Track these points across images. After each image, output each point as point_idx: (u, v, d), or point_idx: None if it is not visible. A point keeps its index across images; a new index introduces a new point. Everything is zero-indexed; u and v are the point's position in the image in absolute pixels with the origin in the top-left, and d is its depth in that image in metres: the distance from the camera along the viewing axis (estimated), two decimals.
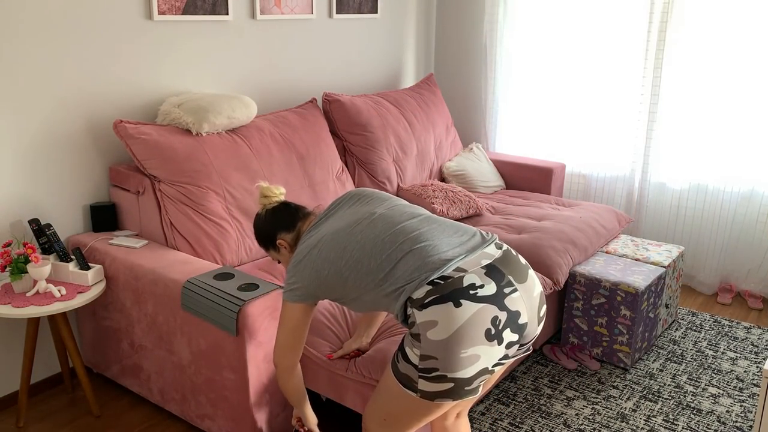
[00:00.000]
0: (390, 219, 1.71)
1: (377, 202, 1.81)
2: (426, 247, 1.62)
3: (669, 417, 2.63)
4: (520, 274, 1.63)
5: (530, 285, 1.64)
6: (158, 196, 2.64)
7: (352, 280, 1.67)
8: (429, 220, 1.73)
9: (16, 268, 2.38)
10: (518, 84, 4.26)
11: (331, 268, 1.69)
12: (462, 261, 1.59)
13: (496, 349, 1.54)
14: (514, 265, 1.64)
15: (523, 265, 1.67)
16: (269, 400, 2.29)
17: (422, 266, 1.58)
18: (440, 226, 1.71)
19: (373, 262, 1.64)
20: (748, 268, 3.71)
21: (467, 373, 1.52)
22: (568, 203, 3.69)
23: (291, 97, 3.57)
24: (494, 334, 1.53)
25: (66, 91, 2.59)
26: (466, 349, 1.50)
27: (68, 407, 2.67)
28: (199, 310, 2.23)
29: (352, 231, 1.71)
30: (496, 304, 1.54)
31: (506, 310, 1.55)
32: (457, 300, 1.52)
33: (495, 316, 1.53)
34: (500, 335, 1.54)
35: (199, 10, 2.99)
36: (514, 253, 1.69)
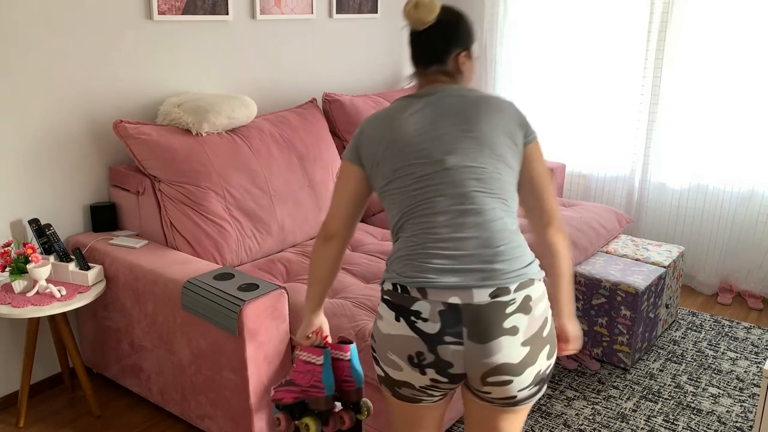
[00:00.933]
0: (441, 190, 1.45)
1: (460, 143, 1.47)
2: (426, 253, 1.43)
3: (669, 417, 2.63)
4: (484, 335, 1.37)
5: (488, 349, 1.37)
6: (158, 196, 2.64)
7: (382, 194, 1.54)
8: (467, 226, 1.44)
9: (16, 268, 2.38)
10: (518, 84, 4.26)
11: (379, 167, 1.50)
12: (432, 287, 1.40)
13: (419, 377, 1.44)
14: (485, 326, 1.37)
15: (502, 329, 1.37)
16: (269, 400, 2.29)
17: (405, 267, 1.45)
18: (467, 242, 1.43)
19: (398, 213, 1.50)
20: (748, 268, 3.71)
21: (392, 373, 1.47)
22: (568, 203, 3.68)
23: (291, 97, 3.57)
24: (416, 364, 1.42)
25: (66, 91, 2.59)
26: (392, 355, 1.45)
27: (68, 407, 2.67)
28: (199, 310, 2.23)
29: (413, 165, 1.46)
30: (427, 344, 1.39)
31: (435, 354, 1.40)
32: (398, 316, 1.43)
33: (420, 351, 1.41)
34: (422, 368, 1.42)
35: (199, 10, 2.99)
36: (511, 310, 1.38)
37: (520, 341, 1.39)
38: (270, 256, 2.81)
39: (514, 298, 1.38)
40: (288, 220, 2.90)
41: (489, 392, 1.45)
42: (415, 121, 1.50)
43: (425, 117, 1.50)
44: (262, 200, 2.81)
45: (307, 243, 2.98)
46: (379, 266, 2.72)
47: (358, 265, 2.73)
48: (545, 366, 1.45)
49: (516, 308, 1.39)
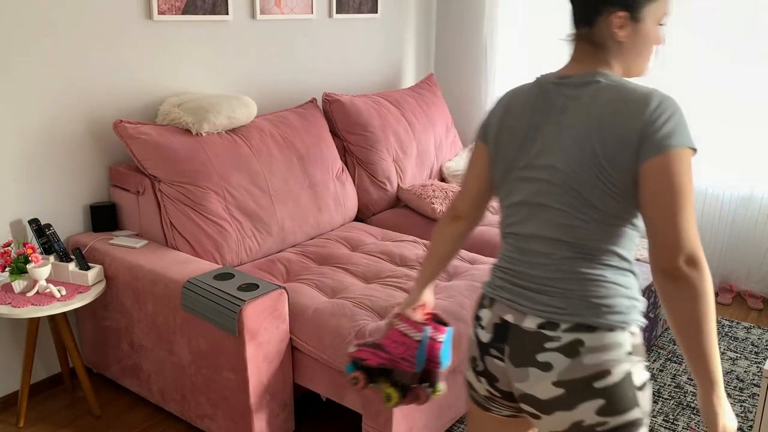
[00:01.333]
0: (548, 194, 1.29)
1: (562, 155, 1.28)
2: (510, 254, 1.38)
3: (669, 417, 2.63)
4: (520, 357, 1.31)
5: (519, 375, 1.31)
6: (158, 196, 2.64)
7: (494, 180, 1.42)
8: (562, 246, 1.29)
9: (16, 268, 2.38)
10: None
11: (500, 150, 1.38)
12: (500, 298, 1.36)
13: (477, 383, 1.42)
14: (520, 347, 1.31)
15: (535, 362, 1.28)
16: (269, 400, 2.29)
17: (496, 270, 1.41)
18: (546, 249, 1.31)
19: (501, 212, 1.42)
20: (748, 268, 3.71)
21: (467, 375, 1.46)
22: None
23: (291, 97, 3.57)
24: (473, 368, 1.42)
25: (66, 90, 2.59)
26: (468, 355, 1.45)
27: (68, 407, 2.67)
28: (199, 310, 2.23)
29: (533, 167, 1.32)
30: (480, 350, 1.38)
31: (484, 364, 1.38)
32: (474, 319, 1.44)
33: (474, 357, 1.40)
34: (477, 375, 1.41)
35: (199, 10, 2.99)
36: (550, 347, 1.27)
37: (551, 380, 1.27)
38: (270, 256, 2.81)
39: (559, 336, 1.27)
40: (288, 220, 2.90)
41: (539, 417, 1.35)
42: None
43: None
44: (262, 200, 2.81)
45: (307, 243, 2.98)
46: (379, 266, 2.72)
47: (358, 265, 2.73)
48: (592, 420, 1.26)
49: (557, 347, 1.27)
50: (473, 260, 2.85)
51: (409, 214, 3.42)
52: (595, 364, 1.24)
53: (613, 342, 1.25)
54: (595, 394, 1.25)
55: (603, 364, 1.24)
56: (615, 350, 1.25)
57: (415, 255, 2.86)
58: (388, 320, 1.91)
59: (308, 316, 2.32)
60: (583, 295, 1.27)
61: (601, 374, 1.25)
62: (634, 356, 1.27)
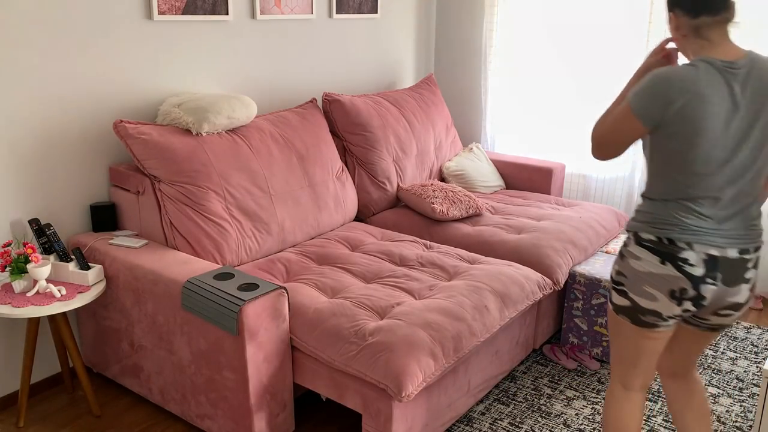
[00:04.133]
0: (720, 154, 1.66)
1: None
2: (697, 208, 1.71)
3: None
4: (732, 279, 1.72)
5: (732, 292, 1.74)
6: (158, 196, 2.64)
7: (656, 169, 1.75)
8: (739, 191, 1.70)
9: (16, 268, 2.38)
10: (518, 84, 4.26)
11: (669, 129, 1.65)
12: (697, 241, 1.70)
13: (673, 307, 1.75)
14: (732, 272, 1.72)
15: (743, 279, 1.73)
16: (269, 400, 2.29)
17: (673, 220, 1.72)
18: (734, 203, 1.71)
19: (675, 173, 1.70)
20: None
21: (642, 302, 1.77)
22: (568, 203, 3.69)
23: (291, 97, 3.57)
24: (676, 297, 1.74)
25: (66, 90, 2.59)
26: (649, 288, 1.75)
27: (68, 407, 2.67)
28: (199, 310, 2.23)
29: (710, 138, 1.63)
30: (692, 283, 1.71)
31: (697, 291, 1.72)
32: (665, 260, 1.72)
33: (684, 288, 1.72)
34: (680, 301, 1.74)
35: (199, 10, 2.99)
36: (749, 265, 1.73)
37: (749, 287, 1.76)
38: (270, 256, 2.81)
39: (752, 258, 1.74)
40: (288, 220, 2.90)
41: (709, 320, 1.86)
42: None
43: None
44: (262, 200, 2.81)
45: (307, 243, 2.98)
46: (379, 266, 2.72)
47: (358, 264, 2.74)
48: (747, 301, 1.80)
49: (753, 265, 1.75)
50: (473, 260, 2.85)
51: (409, 214, 3.42)
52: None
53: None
54: (754, 286, 1.81)
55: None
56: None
57: (415, 255, 2.86)
58: None
59: (308, 316, 2.32)
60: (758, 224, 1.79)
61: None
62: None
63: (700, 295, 1.72)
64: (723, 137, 1.63)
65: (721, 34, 1.66)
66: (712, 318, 1.84)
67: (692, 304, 1.74)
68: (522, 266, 2.83)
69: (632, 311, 1.81)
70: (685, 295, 1.73)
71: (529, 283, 2.70)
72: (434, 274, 2.70)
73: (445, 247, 3.00)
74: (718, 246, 1.69)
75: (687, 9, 1.65)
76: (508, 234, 3.15)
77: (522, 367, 2.98)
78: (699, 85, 1.60)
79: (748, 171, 1.67)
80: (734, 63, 1.62)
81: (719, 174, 1.66)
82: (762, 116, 1.63)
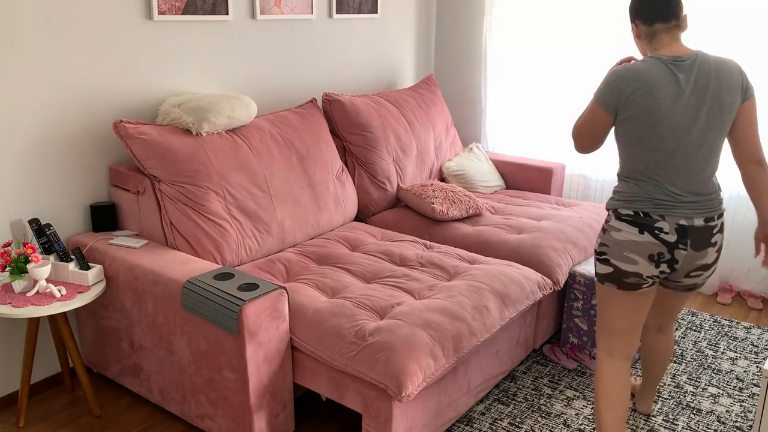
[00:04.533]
0: (676, 137, 1.97)
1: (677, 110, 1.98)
2: (663, 185, 2.00)
3: (669, 417, 2.63)
4: (700, 245, 2.03)
5: (699, 255, 2.04)
6: (158, 196, 2.64)
7: (623, 148, 2.05)
8: (693, 159, 1.99)
9: (16, 268, 2.38)
10: (518, 84, 4.26)
11: (632, 119, 1.97)
12: (668, 213, 1.99)
13: (651, 268, 2.04)
14: (699, 239, 2.02)
15: (710, 243, 2.04)
16: (269, 400, 2.29)
17: (646, 196, 2.01)
18: (692, 178, 2.00)
19: (637, 162, 2.02)
20: (748, 268, 3.71)
21: (624, 266, 2.05)
22: (568, 203, 3.69)
23: (291, 97, 3.57)
24: (654, 260, 2.02)
25: (66, 90, 2.59)
26: (630, 254, 2.03)
27: (68, 407, 2.67)
28: (199, 310, 2.23)
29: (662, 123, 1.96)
30: (668, 248, 2.01)
31: (671, 255, 2.02)
32: (643, 230, 2.01)
33: (661, 252, 2.02)
34: (658, 263, 2.03)
35: (199, 10, 2.99)
36: (715, 231, 2.04)
37: (716, 250, 2.07)
38: (270, 256, 2.81)
39: (716, 224, 2.04)
40: (288, 220, 2.90)
41: (682, 282, 2.16)
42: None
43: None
44: (262, 200, 2.81)
45: (307, 243, 2.98)
46: (379, 266, 2.72)
47: (358, 264, 2.74)
48: (715, 261, 2.12)
49: (717, 230, 2.05)
50: (473, 260, 2.85)
51: (409, 214, 3.42)
52: (722, 233, 2.12)
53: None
54: (720, 248, 2.11)
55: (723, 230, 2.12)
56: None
57: (415, 255, 2.86)
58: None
59: (308, 316, 2.32)
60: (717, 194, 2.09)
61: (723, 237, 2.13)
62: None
63: (674, 258, 2.03)
64: (672, 117, 1.93)
65: (673, 37, 2.01)
66: (685, 280, 2.15)
67: (667, 266, 2.04)
68: (522, 266, 2.83)
69: (616, 276, 2.09)
70: (662, 258, 2.02)
71: (529, 283, 2.70)
72: (434, 274, 2.70)
73: (445, 247, 3.00)
74: (686, 217, 1.99)
75: (644, 19, 2.03)
76: (508, 234, 3.15)
77: (522, 367, 2.98)
78: (645, 74, 1.94)
79: (700, 149, 1.97)
80: (680, 57, 1.96)
81: (676, 152, 1.97)
82: (706, 100, 1.94)
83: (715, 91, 1.94)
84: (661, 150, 1.96)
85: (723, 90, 1.94)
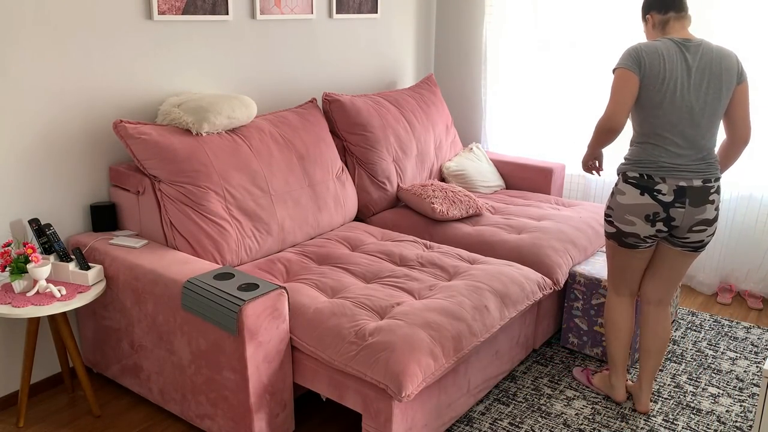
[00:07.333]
0: (680, 111, 2.29)
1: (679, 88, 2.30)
2: (668, 149, 2.31)
3: (669, 417, 2.63)
4: (698, 202, 2.30)
5: (699, 211, 2.31)
6: (158, 196, 2.64)
7: (638, 111, 2.34)
8: (698, 127, 2.30)
9: (16, 268, 2.38)
10: (518, 84, 4.26)
11: (647, 80, 2.28)
12: (669, 176, 2.30)
13: (648, 228, 2.35)
14: (697, 197, 2.30)
15: (708, 201, 2.31)
16: (269, 400, 2.29)
17: (652, 160, 2.31)
18: (694, 144, 2.31)
19: (649, 125, 2.32)
20: (748, 268, 3.71)
21: (624, 227, 2.39)
22: (568, 203, 3.69)
23: (291, 97, 3.57)
24: (650, 220, 2.34)
25: (66, 90, 2.59)
26: (630, 216, 2.36)
27: (68, 407, 2.67)
28: (199, 310, 2.23)
29: (666, 94, 2.30)
30: (663, 207, 2.31)
31: (666, 213, 2.32)
32: (643, 192, 2.32)
33: (656, 212, 2.32)
34: (654, 222, 2.34)
35: (199, 10, 2.99)
36: (712, 191, 2.32)
37: (714, 207, 2.34)
38: (270, 256, 2.81)
39: (714, 185, 2.32)
40: (288, 220, 2.90)
41: (688, 237, 2.38)
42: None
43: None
44: (262, 200, 2.82)
45: (307, 243, 2.99)
46: (379, 266, 2.72)
47: (358, 264, 2.74)
48: (715, 219, 2.39)
49: (715, 191, 2.33)
50: (473, 260, 2.85)
51: (408, 214, 3.42)
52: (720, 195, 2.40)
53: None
54: (719, 208, 2.40)
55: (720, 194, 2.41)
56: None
57: (415, 255, 2.86)
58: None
59: (308, 316, 2.32)
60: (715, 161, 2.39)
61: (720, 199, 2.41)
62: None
63: (670, 216, 2.32)
64: (682, 88, 2.26)
65: (682, 25, 2.36)
66: (690, 235, 2.37)
67: (663, 224, 2.34)
68: (522, 266, 2.83)
69: (618, 235, 2.44)
70: (657, 217, 2.33)
71: (529, 283, 2.70)
72: (434, 274, 2.70)
73: (445, 247, 3.00)
74: (686, 178, 2.30)
75: (659, 9, 2.38)
76: (508, 234, 3.15)
77: (522, 367, 2.98)
78: (659, 49, 2.28)
79: (702, 118, 2.29)
80: (688, 40, 2.30)
81: (683, 117, 2.28)
82: (708, 77, 2.27)
83: (716, 71, 2.27)
84: (672, 114, 2.28)
85: (723, 71, 2.28)
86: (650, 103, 2.30)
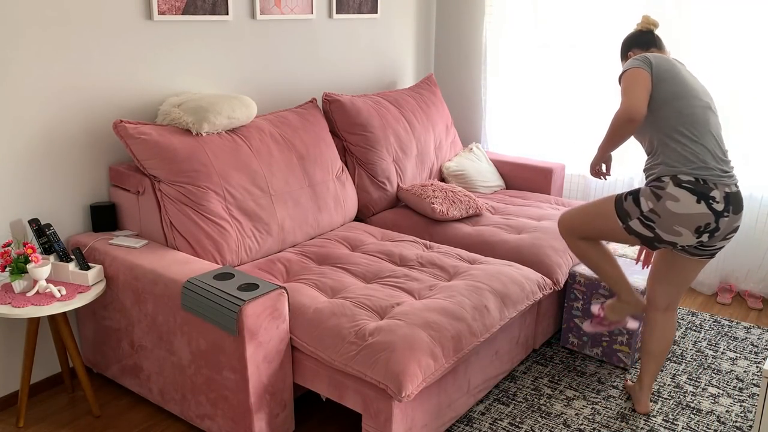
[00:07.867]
0: (703, 109, 2.26)
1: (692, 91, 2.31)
2: (711, 151, 2.20)
3: (669, 417, 2.63)
4: (737, 209, 2.21)
5: (736, 219, 2.22)
6: (158, 196, 2.64)
7: (662, 108, 2.25)
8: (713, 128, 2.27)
9: (16, 268, 2.38)
10: (518, 84, 4.26)
11: (662, 85, 2.26)
12: (719, 181, 2.17)
13: (692, 239, 2.21)
14: (738, 204, 2.21)
15: (742, 206, 2.24)
16: (269, 400, 2.29)
17: (703, 163, 2.18)
18: (717, 129, 2.27)
19: (681, 120, 2.22)
20: (748, 268, 3.71)
21: (666, 237, 2.23)
22: (568, 203, 3.68)
23: (291, 97, 3.57)
24: (700, 231, 2.19)
25: (66, 90, 2.59)
26: (679, 227, 2.18)
27: (68, 407, 2.67)
28: (199, 310, 2.23)
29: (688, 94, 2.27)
30: (715, 217, 2.17)
31: (717, 224, 2.18)
32: (700, 199, 2.15)
33: (708, 223, 2.18)
34: (701, 234, 2.20)
35: (199, 10, 2.99)
36: (739, 192, 2.24)
37: (742, 213, 2.27)
38: (270, 256, 2.81)
39: (736, 186, 2.24)
40: (288, 220, 2.90)
41: (715, 245, 2.29)
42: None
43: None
44: (262, 200, 2.82)
45: (306, 243, 2.99)
46: (379, 266, 2.72)
47: (358, 265, 2.74)
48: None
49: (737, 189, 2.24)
50: (473, 260, 2.85)
51: (408, 214, 3.42)
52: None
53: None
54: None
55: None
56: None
57: (415, 255, 2.86)
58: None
59: (308, 316, 2.33)
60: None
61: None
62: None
63: (717, 227, 2.19)
64: (694, 84, 2.28)
65: (661, 51, 2.47)
66: (720, 243, 2.29)
67: (708, 235, 2.21)
68: (522, 266, 2.83)
69: (650, 240, 2.28)
70: (708, 228, 2.18)
71: (529, 283, 2.70)
72: (434, 274, 2.70)
73: (445, 247, 3.00)
74: (728, 184, 2.19)
75: (641, 46, 2.48)
76: (508, 234, 3.15)
77: (522, 367, 2.98)
78: (662, 56, 2.32)
79: (717, 116, 2.29)
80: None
81: (706, 107, 2.25)
82: (702, 87, 2.33)
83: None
84: (695, 106, 2.23)
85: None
86: (672, 95, 2.24)
